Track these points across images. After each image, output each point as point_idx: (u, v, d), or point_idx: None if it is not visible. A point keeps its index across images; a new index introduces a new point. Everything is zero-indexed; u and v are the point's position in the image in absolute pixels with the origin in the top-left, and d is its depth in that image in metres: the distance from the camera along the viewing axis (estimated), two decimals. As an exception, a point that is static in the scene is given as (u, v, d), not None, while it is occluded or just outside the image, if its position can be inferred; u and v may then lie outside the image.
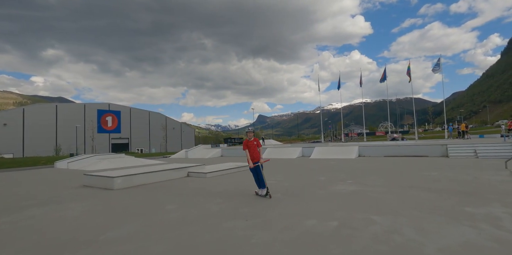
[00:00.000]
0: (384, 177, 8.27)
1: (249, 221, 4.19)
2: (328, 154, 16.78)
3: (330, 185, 7.07)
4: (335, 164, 12.55)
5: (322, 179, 8.24)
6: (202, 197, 6.22)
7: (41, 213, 5.21)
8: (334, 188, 6.72)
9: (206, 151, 25.01)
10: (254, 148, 6.04)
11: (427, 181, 7.31)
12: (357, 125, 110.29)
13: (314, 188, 6.72)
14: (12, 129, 46.72)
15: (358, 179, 8.02)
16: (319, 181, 7.82)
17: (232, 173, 10.46)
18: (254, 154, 6.02)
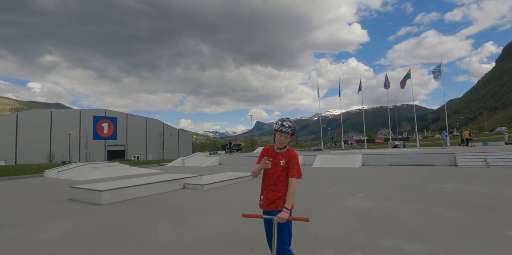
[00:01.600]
0: (395, 189, 7.63)
1: (255, 251, 3.52)
2: (330, 163, 16.14)
3: (340, 200, 6.41)
4: (339, 174, 11.91)
5: (329, 192, 7.59)
6: (200, 214, 5.54)
7: (11, 237, 4.50)
8: (345, 203, 6.07)
9: (204, 159, 24.26)
10: (275, 173, 2.42)
11: (444, 194, 6.68)
12: (355, 132, 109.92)
13: (324, 204, 6.07)
14: (5, 135, 45.70)
15: (368, 192, 7.38)
16: (327, 195, 7.16)
17: (231, 185, 9.78)
18: (271, 190, 2.42)
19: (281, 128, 2.35)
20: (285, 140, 2.39)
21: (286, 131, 2.35)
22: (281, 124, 2.37)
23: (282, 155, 2.41)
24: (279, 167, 2.37)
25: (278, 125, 2.38)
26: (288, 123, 2.37)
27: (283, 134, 2.37)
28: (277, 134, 2.39)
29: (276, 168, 2.38)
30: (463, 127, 64.24)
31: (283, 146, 2.42)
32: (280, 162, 2.38)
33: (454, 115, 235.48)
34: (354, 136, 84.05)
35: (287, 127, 2.35)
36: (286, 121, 2.38)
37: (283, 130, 2.35)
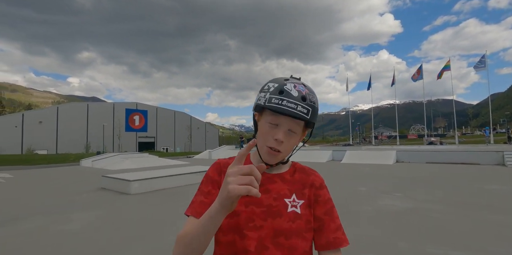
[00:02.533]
0: (435, 189, 6.99)
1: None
2: (361, 159, 15.42)
3: (376, 199, 5.95)
4: (371, 171, 11.28)
5: (363, 189, 7.12)
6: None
7: (40, 226, 4.60)
8: (381, 203, 5.61)
9: (230, 151, 24.36)
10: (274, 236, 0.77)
11: (493, 197, 5.97)
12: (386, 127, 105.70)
13: (357, 203, 5.65)
14: (47, 126, 49.06)
15: (405, 191, 6.81)
16: (360, 193, 6.71)
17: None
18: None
19: (284, 103, 0.75)
20: (290, 136, 0.79)
21: (297, 110, 0.75)
22: (279, 92, 0.77)
23: (283, 179, 0.86)
24: (286, 217, 0.79)
25: (273, 96, 0.78)
26: (302, 90, 0.78)
27: (290, 120, 0.77)
28: (270, 117, 0.79)
29: (277, 222, 0.78)
30: (507, 124, 59.11)
31: (283, 156, 0.82)
32: (287, 202, 0.81)
33: (497, 111, 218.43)
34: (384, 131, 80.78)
35: (299, 101, 0.76)
36: (296, 85, 0.79)
37: (289, 107, 0.75)
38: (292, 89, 0.77)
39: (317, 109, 0.81)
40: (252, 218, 0.77)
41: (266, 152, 0.79)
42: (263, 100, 0.79)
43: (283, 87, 0.77)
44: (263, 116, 0.81)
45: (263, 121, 0.80)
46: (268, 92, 0.79)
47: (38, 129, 47.86)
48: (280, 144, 0.77)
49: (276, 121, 0.77)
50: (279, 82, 0.80)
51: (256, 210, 0.78)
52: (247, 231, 0.76)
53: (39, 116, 49.14)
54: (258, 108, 0.82)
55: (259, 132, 0.82)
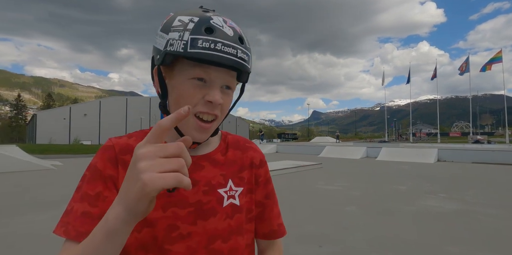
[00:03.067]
0: (486, 192, 6.44)
1: (324, 248, 3.17)
2: (398, 156, 14.68)
3: (417, 199, 5.62)
4: (410, 169, 10.69)
5: (402, 188, 6.76)
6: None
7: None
8: (424, 203, 5.28)
9: (261, 146, 24.45)
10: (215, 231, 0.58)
11: (560, 203, 5.36)
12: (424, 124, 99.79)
13: (397, 202, 5.37)
14: (90, 118, 52.72)
15: (451, 192, 6.36)
16: (400, 192, 6.38)
17: (290, 173, 9.50)
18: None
19: (219, 47, 0.50)
20: (227, 95, 0.57)
21: (237, 57, 0.52)
22: (206, 30, 0.50)
23: (213, 161, 0.62)
24: (221, 214, 0.59)
25: (198, 36, 0.50)
26: (236, 27, 0.55)
27: (224, 72, 0.54)
28: (194, 71, 0.52)
29: (211, 224, 0.58)
30: None
31: (216, 126, 0.59)
32: (222, 193, 0.60)
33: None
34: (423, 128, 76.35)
35: (237, 43, 0.52)
36: (225, 19, 0.54)
37: (227, 53, 0.51)
38: (224, 25, 0.52)
39: (250, 58, 0.58)
40: (176, 225, 0.55)
41: (194, 127, 0.54)
42: (180, 45, 0.50)
43: (211, 23, 0.51)
44: (178, 71, 0.53)
45: (182, 78, 0.53)
46: (187, 31, 0.50)
47: (83, 121, 51.65)
48: (216, 107, 0.54)
49: (206, 75, 0.52)
50: (199, 14, 0.53)
51: (180, 213, 0.55)
52: (168, 245, 0.54)
53: (84, 109, 53.00)
54: (168, 58, 0.52)
55: (174, 96, 0.55)
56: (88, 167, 0.57)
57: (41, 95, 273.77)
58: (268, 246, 0.70)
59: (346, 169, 11.12)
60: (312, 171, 10.14)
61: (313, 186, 7.09)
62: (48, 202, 5.44)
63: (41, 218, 4.38)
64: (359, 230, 3.76)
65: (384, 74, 37.76)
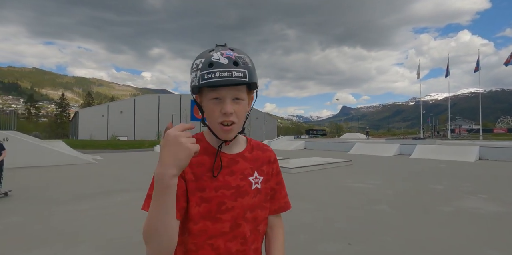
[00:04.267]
0: (537, 193, 5.95)
1: (354, 246, 3.16)
2: (435, 154, 13.94)
3: (455, 199, 5.35)
4: (448, 168, 10.13)
5: (438, 188, 6.46)
6: (290, 199, 5.41)
7: (125, 200, 5.28)
8: (462, 204, 5.02)
9: (289, 142, 24.38)
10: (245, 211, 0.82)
11: None
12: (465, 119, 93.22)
13: (433, 202, 5.15)
14: (126, 115, 55.57)
15: (493, 193, 5.97)
16: (436, 192, 6.10)
17: (319, 170, 9.42)
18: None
19: (218, 75, 0.72)
20: (238, 104, 0.78)
21: (233, 77, 0.72)
22: (209, 66, 0.73)
23: (244, 158, 0.87)
24: (251, 195, 0.84)
25: (204, 72, 0.73)
26: (231, 55, 0.75)
27: (230, 89, 0.75)
28: (210, 94, 0.76)
29: (245, 200, 0.82)
30: None
31: (238, 127, 0.81)
32: (251, 180, 0.85)
33: None
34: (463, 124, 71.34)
35: (232, 67, 0.73)
36: (222, 52, 0.75)
37: (224, 77, 0.72)
38: (220, 58, 0.74)
39: (253, 68, 0.78)
40: (224, 201, 0.79)
41: (220, 130, 0.78)
42: (196, 80, 0.75)
43: (211, 60, 0.74)
44: (204, 95, 0.78)
45: (206, 100, 0.78)
46: (198, 70, 0.75)
47: (119, 117, 54.60)
48: (230, 115, 0.76)
49: (218, 95, 0.75)
50: (205, 56, 0.76)
51: (226, 193, 0.80)
52: (219, 214, 0.79)
53: (120, 107, 55.95)
54: (195, 90, 0.77)
55: (206, 113, 0.80)
56: None
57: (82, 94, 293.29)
58: (275, 222, 0.94)
59: (378, 166, 10.78)
60: (342, 168, 9.97)
61: (342, 184, 6.99)
62: (90, 193, 5.90)
63: (83, 208, 4.78)
64: (390, 229, 3.69)
65: (419, 67, 35.65)
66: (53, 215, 4.37)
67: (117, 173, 9.12)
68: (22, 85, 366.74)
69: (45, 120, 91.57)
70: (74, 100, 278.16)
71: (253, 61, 0.80)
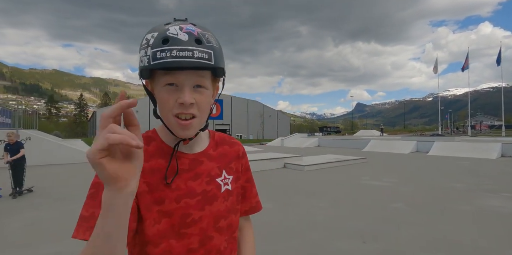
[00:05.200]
0: None
1: (369, 245, 3.11)
2: (454, 151, 13.50)
3: (475, 198, 5.16)
4: (468, 166, 9.79)
5: (458, 186, 6.25)
6: (302, 196, 5.39)
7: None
8: (483, 203, 4.84)
9: (302, 139, 24.22)
10: (218, 216, 0.70)
11: None
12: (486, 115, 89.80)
13: (452, 201, 4.99)
14: (141, 115, 56.77)
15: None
16: (455, 190, 5.91)
17: (333, 168, 9.31)
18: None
19: (174, 54, 0.56)
20: (201, 93, 0.62)
21: (194, 58, 0.57)
22: (163, 42, 0.57)
23: (208, 157, 0.73)
24: (221, 198, 0.71)
25: (156, 49, 0.57)
26: (193, 30, 0.59)
27: (189, 74, 0.59)
28: (164, 78, 0.60)
29: (215, 207, 0.69)
30: None
31: (200, 122, 0.65)
32: (219, 182, 0.72)
33: None
34: (484, 120, 68.77)
35: (193, 46, 0.57)
36: (182, 26, 0.59)
37: (182, 57, 0.56)
38: (179, 32, 0.57)
39: (220, 50, 0.62)
40: (189, 213, 0.65)
41: (176, 124, 0.61)
42: (146, 59, 0.57)
43: (166, 34, 0.57)
44: (156, 80, 0.61)
45: (158, 86, 0.60)
46: (149, 46, 0.57)
47: (135, 117, 55.90)
48: (189, 107, 0.59)
49: (174, 80, 0.59)
50: (159, 29, 0.59)
51: (190, 202, 0.65)
52: (184, 229, 0.64)
53: (136, 107, 57.09)
54: (144, 73, 0.59)
55: (158, 103, 0.63)
56: (93, 183, 0.60)
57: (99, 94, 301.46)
58: (245, 223, 0.84)
59: (394, 164, 10.55)
60: (357, 166, 9.81)
61: (357, 181, 6.89)
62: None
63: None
64: (407, 228, 3.60)
65: (437, 61, 34.48)
66: (75, 210, 4.53)
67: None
68: (43, 87, 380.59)
69: (65, 120, 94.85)
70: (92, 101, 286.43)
71: (219, 42, 0.64)
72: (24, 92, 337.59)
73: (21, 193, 5.66)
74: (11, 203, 5.08)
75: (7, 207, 4.84)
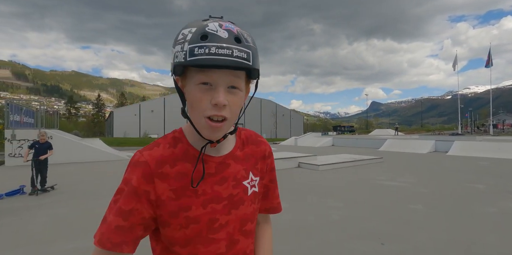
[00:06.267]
0: None
1: (387, 246, 3.05)
2: (475, 151, 13.03)
3: (499, 200, 4.96)
4: (490, 166, 9.43)
5: (480, 187, 6.03)
6: (317, 196, 5.34)
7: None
8: (508, 205, 4.64)
9: (316, 139, 23.99)
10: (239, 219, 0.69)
11: None
12: (509, 114, 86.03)
13: (473, 202, 4.82)
14: (157, 114, 57.80)
15: (544, 193, 5.46)
16: (477, 191, 5.70)
17: (347, 167, 9.18)
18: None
19: (213, 51, 0.53)
20: (234, 95, 0.60)
21: (233, 57, 0.54)
22: (201, 38, 0.54)
23: (235, 159, 0.71)
24: (248, 202, 0.71)
25: (194, 45, 0.54)
26: (232, 28, 0.57)
27: (226, 73, 0.57)
28: (198, 76, 0.57)
29: (242, 210, 0.69)
30: None
31: (230, 125, 0.63)
32: (246, 185, 0.71)
33: None
34: (507, 118, 65.96)
35: (233, 44, 0.55)
36: (221, 23, 0.57)
37: (222, 54, 0.54)
38: (219, 29, 0.55)
39: (257, 51, 0.60)
40: (215, 218, 0.65)
41: (206, 126, 0.59)
42: (182, 55, 0.55)
43: (206, 30, 0.55)
44: (188, 78, 0.59)
45: (191, 84, 0.58)
46: (186, 42, 0.56)
47: (150, 116, 56.97)
48: (222, 108, 0.57)
49: (208, 79, 0.56)
50: (197, 25, 0.57)
51: (217, 207, 0.65)
52: (212, 234, 0.64)
53: (151, 106, 58.34)
54: (178, 70, 0.57)
55: (189, 102, 0.60)
56: (124, 181, 0.64)
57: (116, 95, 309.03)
58: (264, 219, 0.84)
59: (411, 164, 10.29)
60: (372, 166, 9.64)
61: (373, 181, 6.76)
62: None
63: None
64: (426, 230, 3.51)
65: (456, 58, 33.28)
66: (96, 207, 4.67)
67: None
68: (63, 88, 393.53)
69: (83, 120, 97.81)
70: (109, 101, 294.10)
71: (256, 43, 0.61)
72: (45, 93, 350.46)
73: (45, 190, 5.88)
74: (35, 200, 5.29)
75: (31, 204, 5.04)
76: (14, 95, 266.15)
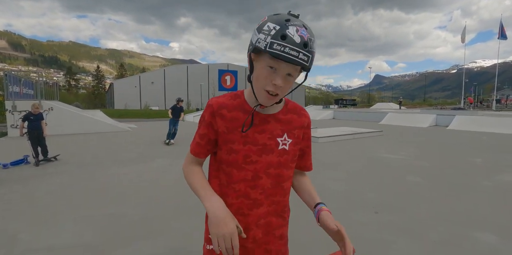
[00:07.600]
0: None
1: (380, 215, 3.15)
2: (475, 125, 13.01)
3: (496, 173, 5.04)
4: (490, 140, 9.48)
5: (478, 161, 6.11)
6: (317, 168, 5.38)
7: (164, 164, 5.59)
8: (504, 178, 4.73)
9: (317, 112, 23.92)
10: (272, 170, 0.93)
11: None
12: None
13: (471, 176, 4.91)
14: (157, 86, 57.15)
15: (541, 167, 5.53)
16: (475, 165, 5.78)
17: (347, 140, 9.25)
18: (262, 216, 0.94)
19: (287, 51, 0.74)
20: (288, 80, 0.82)
21: (298, 58, 0.75)
22: (281, 37, 0.74)
23: (276, 119, 0.93)
24: (276, 153, 0.92)
25: (275, 41, 0.74)
26: (304, 35, 0.76)
27: (289, 66, 0.78)
28: (269, 61, 0.78)
29: (269, 157, 0.91)
30: None
31: (279, 98, 0.86)
32: (279, 141, 0.92)
33: None
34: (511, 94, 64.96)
35: (301, 48, 0.75)
36: (298, 29, 0.76)
37: (291, 54, 0.74)
38: (295, 34, 0.75)
39: (315, 53, 0.81)
40: (249, 155, 0.90)
41: (264, 96, 0.83)
42: (264, 44, 0.76)
43: (286, 32, 0.75)
44: (261, 58, 0.80)
45: (262, 64, 0.80)
46: (269, 35, 0.76)
47: (151, 88, 56.34)
48: (278, 88, 0.80)
49: (276, 65, 0.78)
50: (281, 24, 0.76)
51: (252, 148, 0.90)
52: (244, 164, 0.90)
53: (151, 78, 57.45)
54: (256, 50, 0.80)
55: (255, 74, 0.84)
56: (201, 116, 0.95)
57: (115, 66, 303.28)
58: (302, 174, 1.09)
59: (411, 137, 10.34)
60: (372, 139, 9.70)
61: (372, 154, 6.84)
62: (128, 158, 6.32)
63: (123, 171, 5.16)
64: (423, 202, 3.60)
65: (465, 30, 31.83)
66: (101, 176, 4.78)
67: (151, 141, 9.61)
68: (61, 59, 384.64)
69: (83, 92, 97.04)
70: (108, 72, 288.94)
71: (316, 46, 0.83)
72: (43, 64, 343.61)
73: (48, 160, 5.98)
74: (38, 170, 5.40)
75: (35, 173, 5.15)
76: (12, 67, 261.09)
